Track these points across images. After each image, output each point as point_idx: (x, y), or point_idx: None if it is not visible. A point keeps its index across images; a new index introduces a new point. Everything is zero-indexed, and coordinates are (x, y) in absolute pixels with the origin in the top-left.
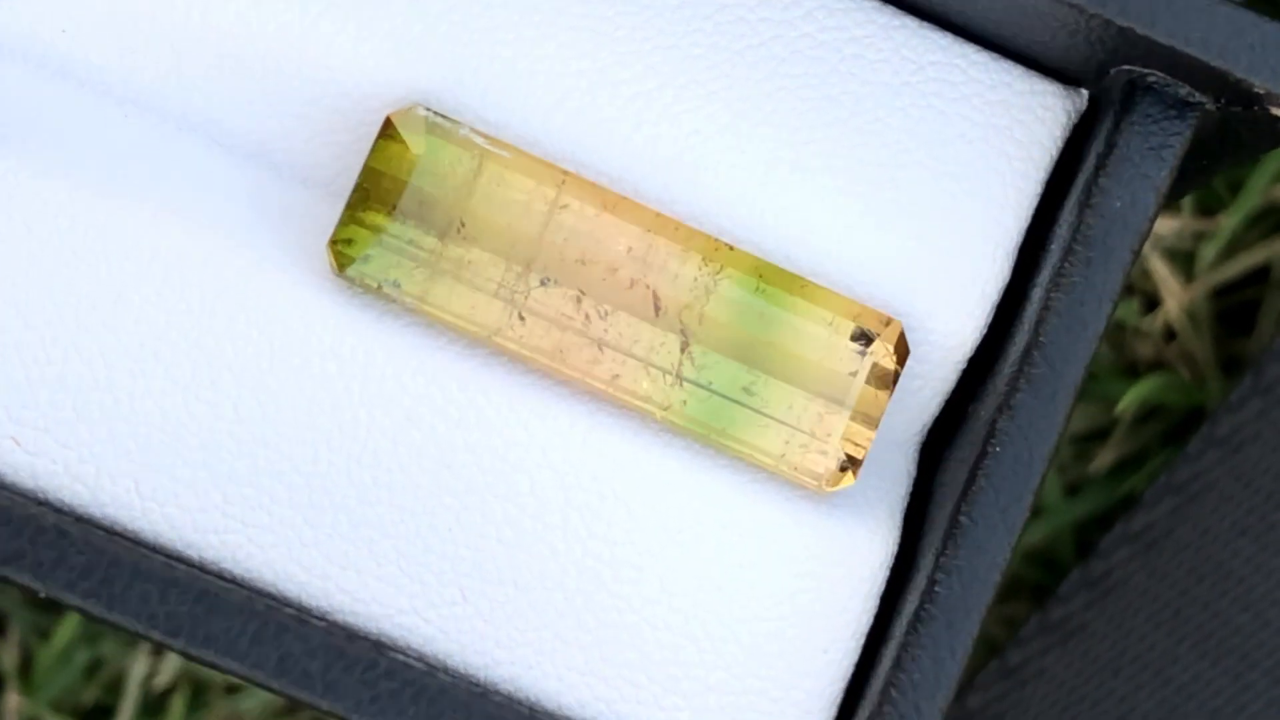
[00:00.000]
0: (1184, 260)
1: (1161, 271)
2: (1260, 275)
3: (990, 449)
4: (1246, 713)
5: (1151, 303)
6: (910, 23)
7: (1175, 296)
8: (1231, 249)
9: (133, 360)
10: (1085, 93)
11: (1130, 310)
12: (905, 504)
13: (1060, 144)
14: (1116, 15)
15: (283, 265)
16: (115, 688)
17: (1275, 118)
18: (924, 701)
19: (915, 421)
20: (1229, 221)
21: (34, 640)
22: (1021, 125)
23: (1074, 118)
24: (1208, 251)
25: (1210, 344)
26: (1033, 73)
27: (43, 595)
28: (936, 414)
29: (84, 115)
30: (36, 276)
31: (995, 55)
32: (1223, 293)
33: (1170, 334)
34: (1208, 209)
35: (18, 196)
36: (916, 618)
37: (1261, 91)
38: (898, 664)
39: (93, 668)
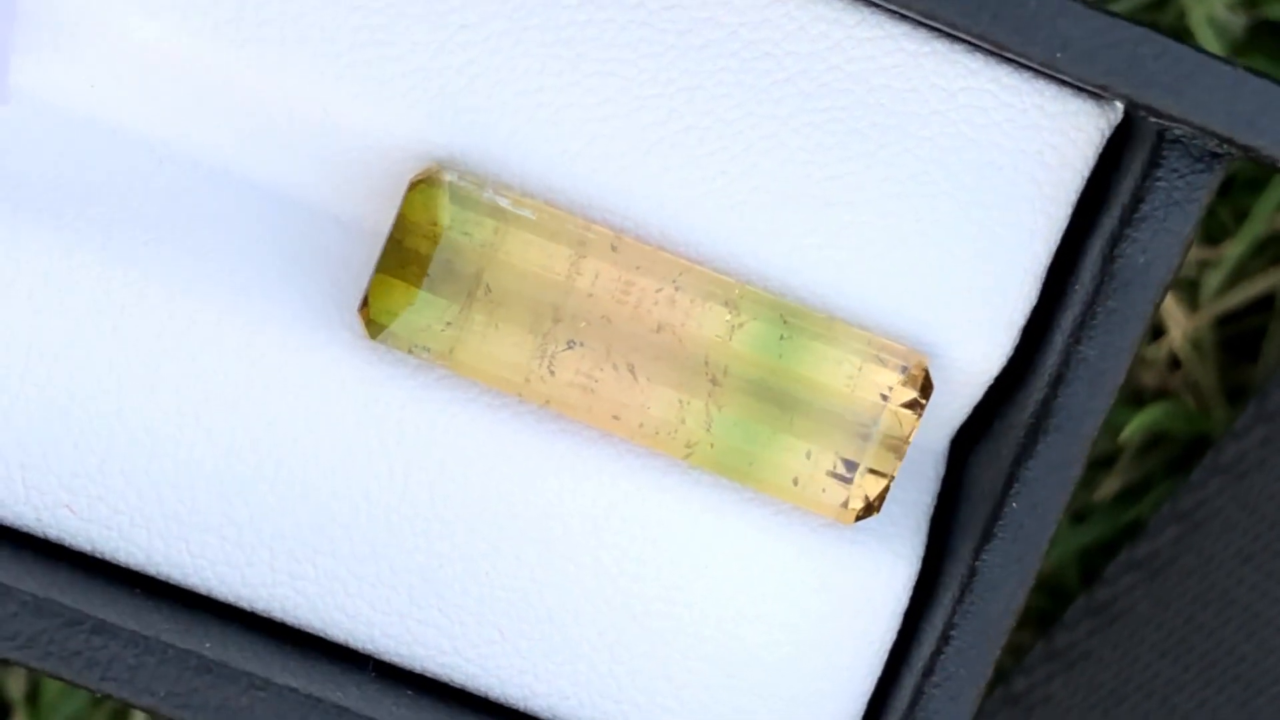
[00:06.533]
0: (1188, 289)
1: (1166, 300)
2: (1265, 304)
3: (1004, 511)
4: None
5: (1156, 331)
6: (941, 47)
7: (1180, 325)
8: (1236, 277)
9: (175, 426)
10: (1120, 106)
11: None
12: (932, 511)
13: (1093, 163)
14: (1137, 94)
15: (316, 324)
16: (122, 716)
17: None
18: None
19: (944, 428)
20: (1234, 250)
21: None
22: (1053, 149)
23: (1108, 133)
24: (1212, 280)
25: (1215, 372)
26: (1067, 90)
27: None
28: (965, 419)
29: (117, 166)
30: (77, 350)
31: (1029, 75)
32: (1227, 321)
33: (1175, 362)
34: (1212, 237)
35: (55, 273)
36: (944, 638)
37: None
38: (921, 686)
39: (99, 696)
